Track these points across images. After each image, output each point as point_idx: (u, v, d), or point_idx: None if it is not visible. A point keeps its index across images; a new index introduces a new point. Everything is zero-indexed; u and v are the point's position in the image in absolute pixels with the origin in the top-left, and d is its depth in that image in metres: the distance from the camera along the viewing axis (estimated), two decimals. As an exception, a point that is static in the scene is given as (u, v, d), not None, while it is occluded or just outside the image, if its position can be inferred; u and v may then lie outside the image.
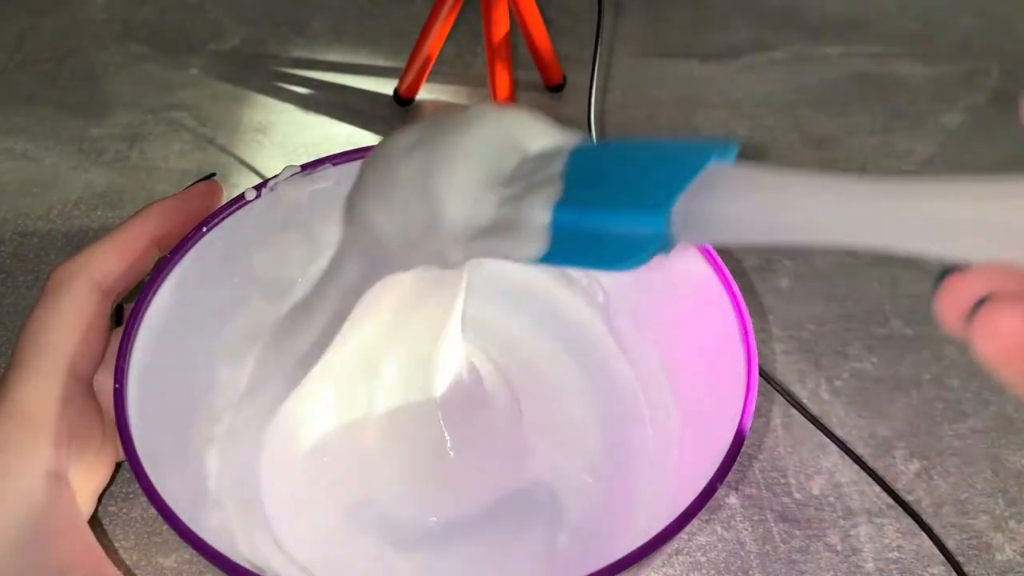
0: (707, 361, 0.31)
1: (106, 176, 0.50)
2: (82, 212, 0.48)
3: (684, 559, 0.36)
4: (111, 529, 0.36)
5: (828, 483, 0.38)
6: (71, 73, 0.57)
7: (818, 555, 0.36)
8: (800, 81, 0.58)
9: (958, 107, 0.57)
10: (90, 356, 0.30)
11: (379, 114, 0.54)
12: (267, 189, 0.33)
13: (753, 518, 0.37)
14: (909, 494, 0.38)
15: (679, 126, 0.54)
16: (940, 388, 0.42)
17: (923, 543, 0.36)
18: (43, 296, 0.30)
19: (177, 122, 0.53)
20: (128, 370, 0.28)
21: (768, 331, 0.43)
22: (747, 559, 0.36)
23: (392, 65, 0.57)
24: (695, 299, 0.32)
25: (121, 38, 0.59)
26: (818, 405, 0.41)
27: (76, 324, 0.29)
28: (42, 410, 0.28)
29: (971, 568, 0.36)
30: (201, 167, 0.51)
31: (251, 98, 0.55)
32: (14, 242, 0.46)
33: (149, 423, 0.28)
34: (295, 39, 0.60)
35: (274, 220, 0.34)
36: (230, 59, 0.58)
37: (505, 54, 0.49)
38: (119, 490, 0.37)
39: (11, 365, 0.29)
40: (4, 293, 0.44)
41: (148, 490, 0.26)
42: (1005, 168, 0.18)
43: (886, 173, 0.52)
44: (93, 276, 0.30)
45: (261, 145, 0.52)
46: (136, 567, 0.35)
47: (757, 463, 0.39)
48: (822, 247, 0.20)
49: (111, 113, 0.54)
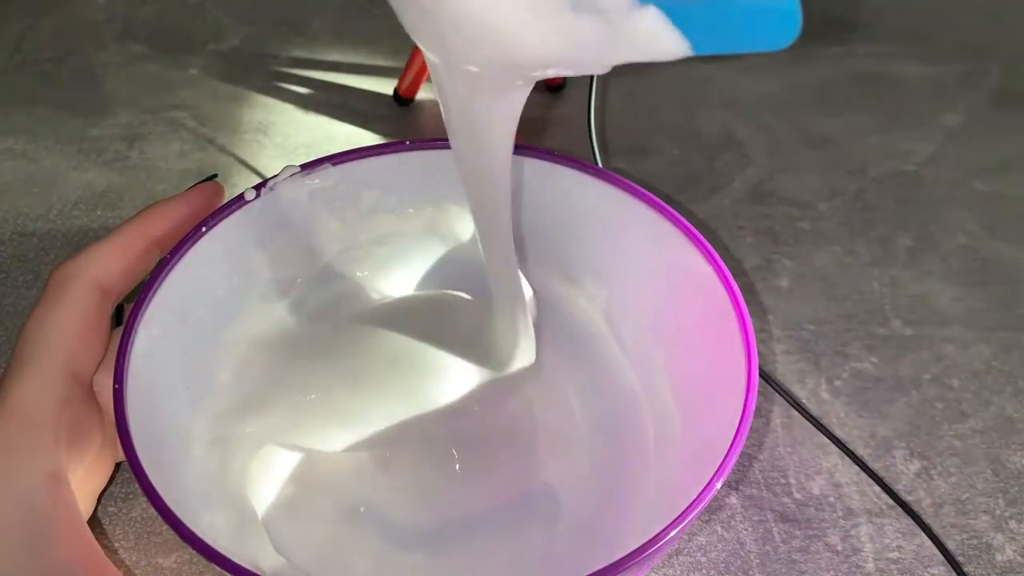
0: (707, 361, 0.31)
1: (106, 176, 0.50)
2: (82, 212, 0.48)
3: (684, 559, 0.35)
4: (111, 529, 0.36)
5: (828, 483, 0.38)
6: (71, 73, 0.57)
7: (818, 555, 0.36)
8: (800, 81, 0.58)
9: (958, 107, 0.57)
10: (90, 356, 0.30)
11: (379, 114, 0.54)
12: (267, 189, 0.33)
13: (753, 518, 0.37)
14: (909, 494, 0.38)
15: (679, 126, 0.54)
16: (940, 388, 0.42)
17: (923, 543, 0.36)
18: (43, 296, 0.30)
19: (177, 122, 0.53)
20: (128, 370, 0.28)
21: (768, 331, 0.43)
22: (747, 559, 0.36)
23: (392, 65, 0.57)
24: (696, 299, 0.32)
25: (121, 38, 0.59)
26: (818, 405, 0.41)
27: (76, 324, 0.29)
28: (41, 410, 0.28)
29: (971, 568, 0.36)
30: (201, 167, 0.51)
31: (251, 98, 0.55)
32: (14, 242, 0.46)
33: (149, 423, 0.28)
34: (295, 39, 0.60)
35: (274, 220, 0.34)
36: (230, 59, 0.58)
37: (505, 54, 0.49)
38: (119, 490, 0.37)
39: (10, 365, 0.29)
40: (4, 293, 0.44)
41: (148, 490, 0.26)
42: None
43: (887, 173, 0.52)
44: (94, 276, 0.30)
45: (261, 145, 0.52)
46: (136, 567, 0.35)
47: (757, 463, 0.39)
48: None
49: (111, 113, 0.54)
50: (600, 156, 0.45)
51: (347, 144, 0.52)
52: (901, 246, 0.48)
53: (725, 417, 0.28)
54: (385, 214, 0.36)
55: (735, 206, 0.50)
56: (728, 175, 0.51)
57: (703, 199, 0.50)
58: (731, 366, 0.29)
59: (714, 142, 0.53)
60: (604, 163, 0.47)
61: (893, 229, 0.49)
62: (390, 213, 0.36)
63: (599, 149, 0.44)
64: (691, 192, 0.50)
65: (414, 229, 0.37)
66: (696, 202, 0.49)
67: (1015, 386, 0.42)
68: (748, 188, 0.51)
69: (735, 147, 0.53)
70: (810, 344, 0.43)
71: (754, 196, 0.50)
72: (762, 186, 0.51)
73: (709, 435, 0.29)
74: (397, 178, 0.36)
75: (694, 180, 0.51)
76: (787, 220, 0.49)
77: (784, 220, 0.49)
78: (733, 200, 0.50)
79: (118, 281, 0.31)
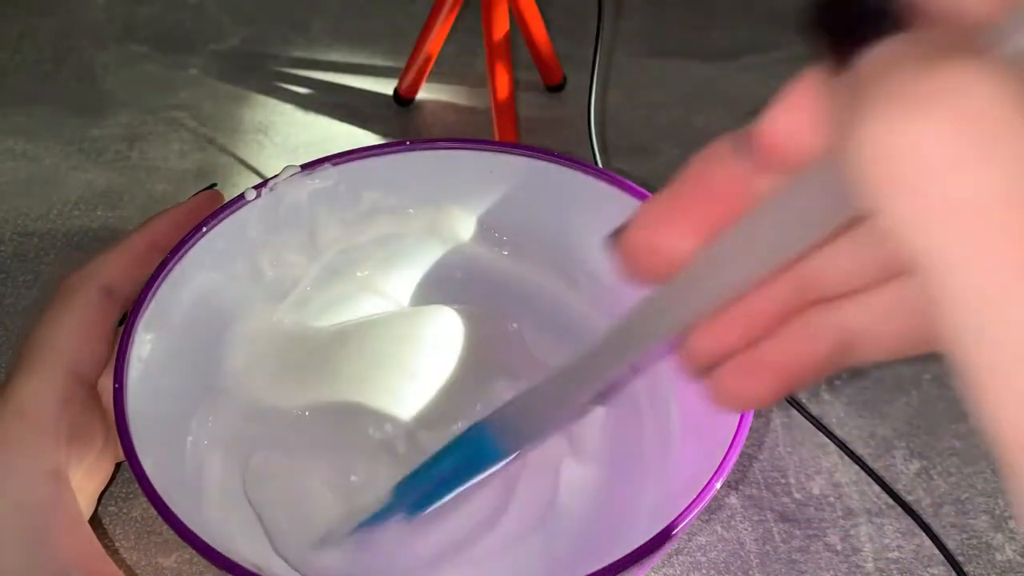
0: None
1: (106, 176, 0.50)
2: (82, 212, 0.48)
3: (684, 559, 0.36)
4: (111, 529, 0.36)
5: (828, 483, 0.38)
6: (71, 73, 0.57)
7: (818, 555, 0.36)
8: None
9: (958, 107, 0.57)
10: (94, 359, 0.30)
11: (379, 114, 0.54)
12: (267, 189, 0.33)
13: (753, 518, 0.37)
14: (909, 494, 0.38)
15: (679, 126, 0.54)
16: (940, 388, 0.42)
17: (923, 543, 0.36)
18: (52, 301, 0.31)
19: (177, 122, 0.53)
20: (128, 370, 0.28)
21: (768, 331, 0.43)
22: (747, 559, 0.36)
23: (392, 65, 0.57)
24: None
25: (121, 38, 0.59)
26: (818, 405, 0.41)
27: (81, 327, 0.30)
28: (43, 410, 0.28)
29: (971, 568, 0.36)
30: (201, 167, 0.51)
31: (251, 98, 0.55)
32: (14, 242, 0.46)
33: (149, 423, 0.28)
34: (295, 39, 0.60)
35: (274, 220, 0.34)
36: (230, 59, 0.58)
37: (505, 54, 0.49)
38: (119, 490, 0.37)
39: (16, 365, 0.29)
40: (4, 293, 0.44)
41: (148, 490, 0.26)
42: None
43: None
44: (101, 282, 0.31)
45: (261, 145, 0.52)
46: (136, 567, 0.35)
47: (757, 463, 0.39)
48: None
49: (111, 113, 0.54)
50: (600, 156, 0.45)
51: (347, 144, 0.52)
52: (901, 246, 0.48)
53: (725, 417, 0.28)
54: (385, 214, 0.36)
55: (735, 206, 0.49)
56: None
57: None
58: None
59: (714, 142, 0.53)
60: (604, 163, 0.47)
61: (893, 229, 0.49)
62: (390, 213, 0.36)
63: (599, 149, 0.44)
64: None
65: (414, 229, 0.37)
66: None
67: (1015, 386, 0.42)
68: (748, 188, 0.51)
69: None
70: (810, 344, 0.43)
71: (754, 196, 0.50)
72: (762, 186, 0.51)
73: (709, 435, 0.29)
74: (398, 178, 0.35)
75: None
76: (787, 220, 0.49)
77: (784, 220, 0.49)
78: (733, 200, 0.50)
79: (125, 287, 0.31)
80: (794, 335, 0.19)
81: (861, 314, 0.18)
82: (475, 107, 0.55)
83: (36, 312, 0.31)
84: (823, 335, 0.19)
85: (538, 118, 0.54)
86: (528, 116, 0.54)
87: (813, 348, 0.19)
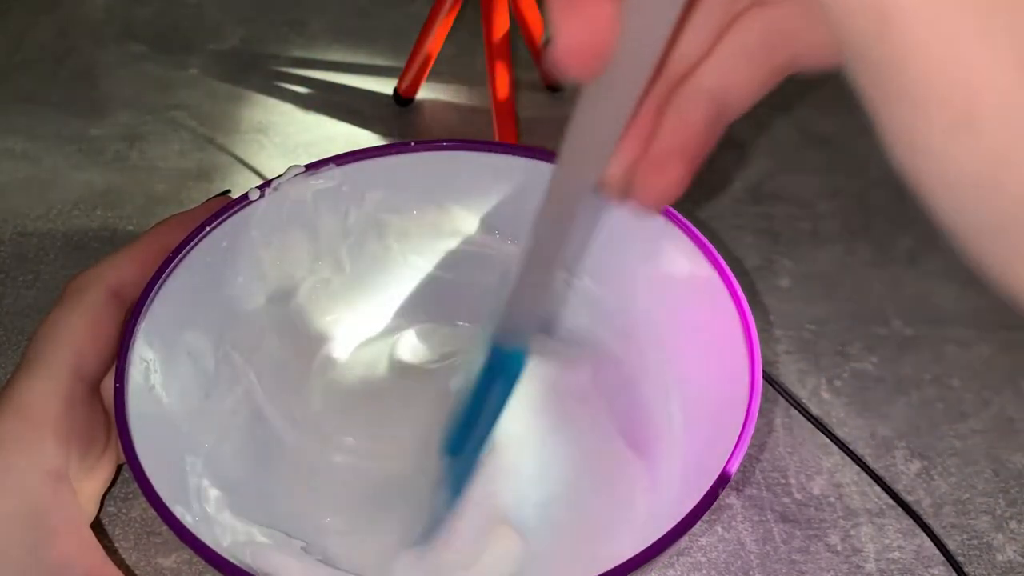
0: (710, 363, 0.31)
1: (106, 176, 0.50)
2: (82, 212, 0.48)
3: (685, 559, 0.35)
4: (111, 529, 0.36)
5: (829, 483, 0.38)
6: (70, 73, 0.56)
7: (818, 555, 0.36)
8: (800, 81, 0.58)
9: (958, 107, 0.57)
10: (99, 360, 0.30)
11: (379, 113, 0.54)
12: (271, 189, 0.33)
13: (754, 518, 0.37)
14: (909, 494, 0.38)
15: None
16: (940, 388, 0.42)
17: (924, 543, 0.36)
18: (59, 301, 0.31)
19: (176, 122, 0.53)
20: (128, 370, 0.28)
21: (769, 331, 0.43)
22: (748, 559, 0.36)
23: (392, 65, 0.57)
24: (698, 301, 0.32)
25: (120, 38, 0.59)
26: (818, 405, 0.41)
27: (86, 328, 0.30)
28: (45, 409, 0.28)
29: (972, 568, 0.36)
30: (201, 167, 0.51)
31: (250, 98, 0.55)
32: (13, 242, 0.46)
33: (149, 424, 0.28)
34: (294, 39, 0.60)
35: (278, 220, 0.34)
36: (229, 59, 0.58)
37: (505, 54, 0.49)
38: (119, 490, 0.37)
39: (20, 365, 0.29)
40: (3, 293, 0.44)
41: (148, 491, 0.26)
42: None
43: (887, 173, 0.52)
44: (109, 283, 0.31)
45: (261, 145, 0.52)
46: (136, 567, 0.35)
47: (758, 464, 0.39)
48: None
49: (110, 113, 0.54)
50: (600, 156, 0.44)
51: (347, 144, 0.52)
52: (901, 246, 0.48)
53: (729, 419, 0.28)
54: (389, 215, 0.36)
55: (735, 206, 0.50)
56: (728, 175, 0.51)
57: (703, 199, 0.50)
58: (734, 368, 0.29)
59: (714, 142, 0.53)
60: (604, 163, 0.47)
61: (893, 229, 0.49)
62: (394, 214, 0.36)
63: (600, 149, 0.44)
64: (691, 192, 0.50)
65: (418, 230, 0.37)
66: (696, 202, 0.49)
67: (1015, 386, 0.42)
68: (748, 188, 0.51)
69: (735, 147, 0.53)
70: (810, 344, 0.43)
71: (754, 196, 0.50)
72: (762, 186, 0.51)
73: (712, 438, 0.29)
74: (401, 179, 0.35)
75: (694, 180, 0.51)
76: (787, 220, 0.49)
77: (784, 220, 0.49)
78: (733, 200, 0.50)
79: (133, 289, 0.31)
80: (674, 118, 0.21)
81: (714, 70, 0.21)
82: (475, 107, 0.55)
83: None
84: (695, 104, 0.21)
85: (538, 118, 0.54)
86: (528, 116, 0.54)
87: (693, 118, 0.22)
